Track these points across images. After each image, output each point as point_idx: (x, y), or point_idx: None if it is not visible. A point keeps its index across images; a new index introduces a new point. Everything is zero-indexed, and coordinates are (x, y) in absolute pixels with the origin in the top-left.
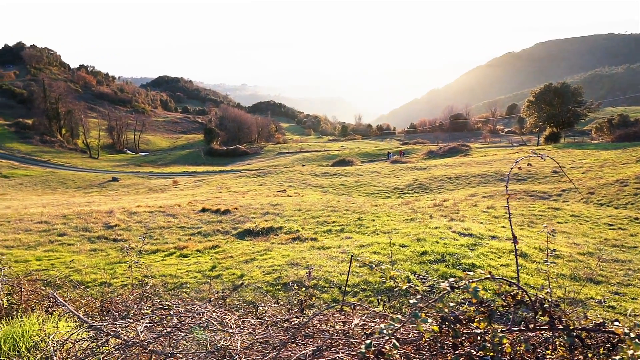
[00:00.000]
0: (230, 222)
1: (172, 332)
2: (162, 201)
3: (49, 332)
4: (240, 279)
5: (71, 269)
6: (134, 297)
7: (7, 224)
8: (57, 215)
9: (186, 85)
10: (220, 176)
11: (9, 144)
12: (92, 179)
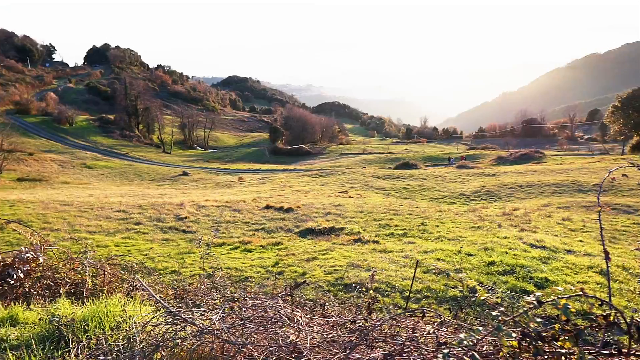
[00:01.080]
0: (292, 220)
1: (244, 323)
2: (228, 197)
3: (129, 314)
4: (302, 277)
5: (145, 256)
6: (204, 287)
7: (91, 211)
8: (133, 205)
9: (254, 85)
10: (284, 175)
11: (93, 137)
12: (165, 173)
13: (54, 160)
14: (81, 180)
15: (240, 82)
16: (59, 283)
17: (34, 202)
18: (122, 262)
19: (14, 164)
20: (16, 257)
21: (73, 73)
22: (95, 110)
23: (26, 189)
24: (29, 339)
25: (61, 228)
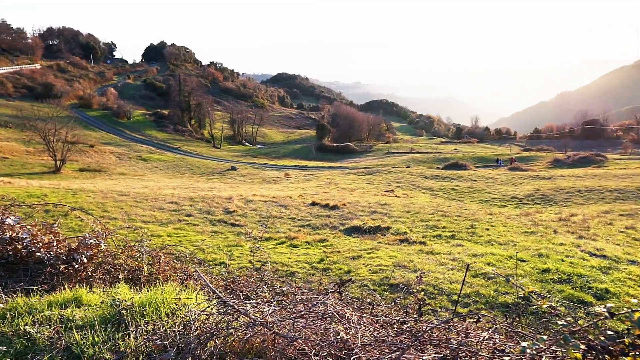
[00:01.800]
0: (338, 217)
1: (296, 318)
2: (275, 192)
3: (183, 302)
4: (347, 274)
5: (196, 247)
6: (253, 280)
7: (145, 202)
8: (185, 197)
9: (302, 83)
10: (329, 172)
11: (148, 131)
12: (214, 167)
13: (113, 152)
14: (136, 172)
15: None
16: (118, 269)
17: (94, 192)
18: (175, 252)
19: (76, 155)
20: (80, 242)
21: (132, 70)
22: (151, 105)
23: (87, 179)
24: (92, 320)
25: (118, 217)
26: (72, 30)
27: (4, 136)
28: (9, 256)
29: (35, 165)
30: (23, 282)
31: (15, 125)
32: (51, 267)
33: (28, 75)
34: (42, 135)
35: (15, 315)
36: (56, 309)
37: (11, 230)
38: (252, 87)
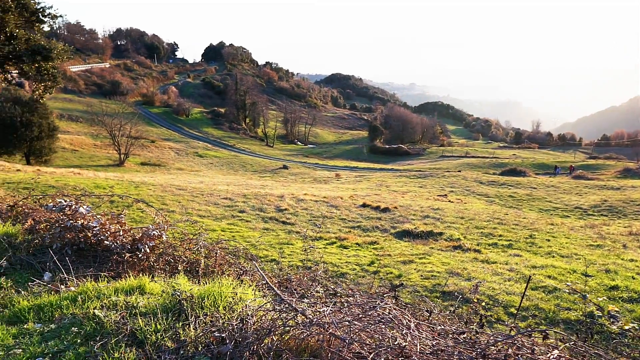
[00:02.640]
0: (389, 220)
1: (353, 320)
2: (326, 192)
3: (240, 297)
4: (398, 279)
5: (248, 242)
6: (306, 279)
7: (201, 197)
8: (238, 194)
9: (356, 83)
10: (381, 174)
11: (205, 128)
12: (267, 165)
13: (172, 148)
14: (193, 167)
15: (343, 80)
16: (177, 260)
17: (154, 185)
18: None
19: (138, 150)
20: (144, 233)
21: (192, 69)
22: (209, 103)
23: (147, 173)
24: (155, 308)
25: (176, 210)
26: (138, 31)
27: (75, 130)
28: (80, 243)
29: (101, 158)
30: (92, 267)
31: (85, 120)
32: (117, 255)
33: (98, 74)
34: (109, 130)
35: (86, 299)
36: (122, 295)
37: (83, 218)
38: (306, 87)
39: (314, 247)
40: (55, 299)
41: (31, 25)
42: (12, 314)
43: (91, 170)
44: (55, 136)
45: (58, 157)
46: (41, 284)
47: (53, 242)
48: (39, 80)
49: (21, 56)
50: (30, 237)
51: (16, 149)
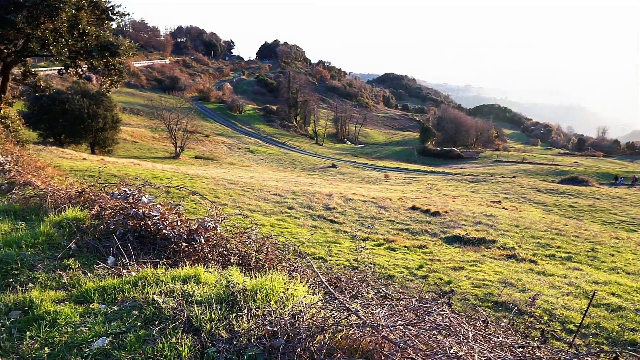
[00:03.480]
0: (439, 224)
1: (408, 325)
2: (374, 193)
3: (291, 292)
4: (448, 285)
5: (296, 239)
6: (356, 279)
7: (252, 192)
8: (287, 190)
9: (409, 84)
10: (431, 177)
11: (257, 124)
12: (315, 163)
13: (224, 142)
14: (244, 162)
15: (396, 80)
16: (230, 252)
17: (207, 178)
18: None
19: (193, 144)
20: (200, 224)
21: (246, 66)
22: (261, 100)
23: (201, 166)
24: (209, 297)
25: (228, 203)
26: (197, 29)
27: (135, 123)
28: (140, 230)
29: (159, 150)
30: (151, 255)
31: (146, 113)
32: (175, 244)
33: (158, 69)
34: (167, 123)
35: (145, 284)
36: (178, 283)
37: (145, 207)
38: (358, 87)
39: (364, 248)
40: (117, 282)
41: (101, 23)
42: (79, 294)
43: (149, 162)
44: (118, 128)
45: (120, 148)
46: (105, 267)
47: (117, 228)
48: (106, 75)
49: (91, 52)
50: (96, 222)
51: (83, 139)
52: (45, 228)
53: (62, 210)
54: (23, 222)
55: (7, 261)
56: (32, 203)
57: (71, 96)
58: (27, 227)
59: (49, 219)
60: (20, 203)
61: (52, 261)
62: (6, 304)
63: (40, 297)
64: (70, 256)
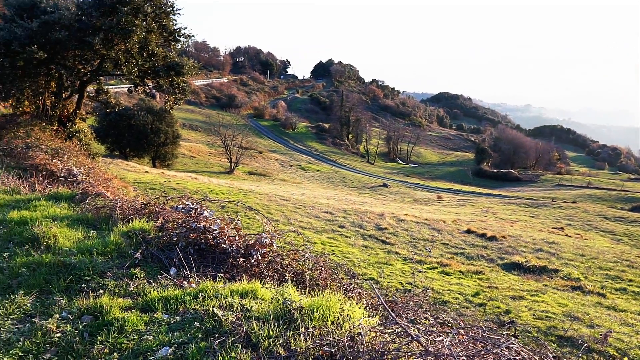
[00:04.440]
0: (496, 250)
1: (473, 356)
2: (427, 214)
3: (347, 313)
4: (506, 314)
5: (347, 258)
6: (412, 303)
7: (303, 209)
8: (338, 209)
9: (464, 103)
10: (487, 199)
11: (309, 142)
12: (366, 182)
13: (277, 159)
14: (295, 179)
15: (450, 99)
16: (284, 269)
17: (260, 194)
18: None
19: (247, 160)
20: (257, 240)
21: (300, 85)
22: (314, 118)
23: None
24: (267, 314)
25: (280, 219)
26: (255, 49)
27: (194, 138)
28: (201, 243)
29: (214, 165)
30: (210, 268)
31: (203, 129)
32: (232, 258)
33: (217, 88)
34: (223, 139)
35: (205, 297)
36: (237, 297)
37: (205, 221)
38: (411, 106)
39: (421, 272)
40: (179, 293)
41: (168, 44)
42: (144, 302)
43: (205, 176)
44: (178, 143)
45: (178, 162)
46: (168, 277)
47: (179, 240)
48: (170, 93)
49: (158, 71)
50: (160, 233)
51: (145, 153)
52: (115, 237)
53: (129, 220)
54: (94, 231)
55: (80, 267)
56: (103, 213)
57: (137, 112)
58: (98, 236)
59: (118, 229)
60: (92, 212)
61: (120, 269)
62: (79, 308)
63: (110, 303)
64: (136, 265)
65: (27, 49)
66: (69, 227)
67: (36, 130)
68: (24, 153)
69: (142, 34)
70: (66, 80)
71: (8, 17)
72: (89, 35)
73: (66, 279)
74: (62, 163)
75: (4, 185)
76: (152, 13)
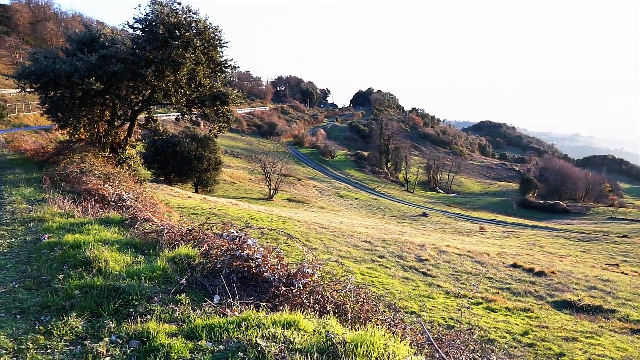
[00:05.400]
0: (544, 286)
1: None
2: (469, 246)
3: (392, 350)
4: (560, 357)
5: (387, 290)
6: (459, 342)
7: (342, 237)
8: (378, 238)
9: (508, 132)
10: (533, 232)
11: (348, 170)
12: (405, 211)
13: (315, 187)
14: (333, 207)
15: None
16: (326, 300)
17: (299, 221)
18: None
19: (286, 186)
20: (299, 269)
21: (340, 113)
22: (353, 146)
23: (292, 208)
24: (309, 347)
25: (318, 248)
26: (296, 79)
27: (235, 165)
28: (244, 271)
29: (254, 192)
30: (253, 296)
31: (244, 156)
32: (275, 287)
33: (258, 116)
34: (263, 166)
35: (248, 326)
36: (279, 327)
37: (249, 249)
38: (452, 134)
39: (469, 308)
40: (223, 322)
41: (215, 75)
42: (189, 329)
43: (245, 202)
44: (220, 169)
45: (220, 188)
46: (212, 305)
47: (223, 267)
48: (215, 121)
49: (205, 101)
50: (205, 260)
51: (188, 178)
52: (162, 263)
53: (175, 246)
54: (142, 255)
55: (129, 292)
56: (150, 238)
57: (182, 139)
58: (146, 261)
59: (164, 254)
60: (140, 237)
61: (166, 295)
62: (127, 332)
63: (157, 329)
64: (181, 291)
65: (86, 81)
66: (118, 251)
67: (90, 157)
68: (78, 178)
69: (191, 65)
70: (119, 110)
71: (70, 52)
72: (142, 67)
73: (115, 303)
74: (113, 188)
75: (60, 208)
76: (201, 46)
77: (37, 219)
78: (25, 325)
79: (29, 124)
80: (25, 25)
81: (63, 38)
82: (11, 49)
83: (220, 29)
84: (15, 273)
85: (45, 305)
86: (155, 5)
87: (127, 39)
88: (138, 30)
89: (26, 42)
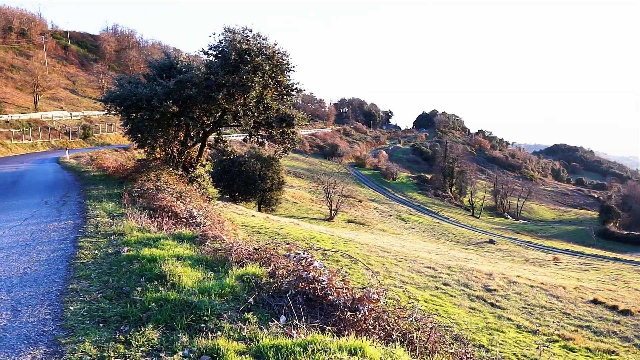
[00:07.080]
0: (631, 327)
1: None
2: (543, 277)
3: None
4: None
5: (452, 320)
6: None
7: (404, 262)
8: (442, 264)
9: (584, 156)
10: (615, 265)
11: (410, 192)
12: (471, 237)
13: (376, 209)
14: (395, 230)
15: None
16: (391, 327)
17: (360, 244)
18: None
19: (346, 208)
20: (364, 294)
21: (403, 135)
22: (416, 168)
23: (352, 230)
24: None
25: (380, 272)
26: (359, 101)
27: (297, 185)
28: (309, 293)
29: (315, 212)
30: (318, 319)
31: (306, 176)
32: (340, 311)
33: (321, 137)
34: (324, 187)
35: (314, 349)
36: (345, 353)
37: (315, 271)
38: (522, 158)
39: (548, 347)
40: (289, 343)
41: (282, 98)
42: (257, 349)
43: (306, 222)
44: (282, 189)
45: (281, 207)
46: (278, 325)
47: (289, 288)
48: (280, 142)
49: (271, 123)
50: (271, 280)
51: (252, 197)
52: (230, 280)
53: (243, 264)
54: (212, 272)
55: (200, 307)
56: (219, 255)
57: (247, 159)
58: (216, 277)
59: (233, 272)
60: (210, 254)
61: (234, 312)
62: (199, 347)
63: (226, 346)
64: (249, 310)
65: (164, 104)
66: (190, 267)
67: (164, 175)
68: (154, 195)
69: (259, 89)
70: (192, 130)
71: (150, 77)
72: (214, 91)
73: (188, 317)
74: (185, 205)
75: (137, 223)
76: (270, 70)
77: (118, 233)
78: (107, 334)
79: (110, 142)
80: (111, 53)
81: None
82: (98, 74)
83: (287, 54)
84: (99, 283)
85: (125, 315)
86: (228, 33)
87: (201, 65)
88: (212, 57)
89: (111, 68)
